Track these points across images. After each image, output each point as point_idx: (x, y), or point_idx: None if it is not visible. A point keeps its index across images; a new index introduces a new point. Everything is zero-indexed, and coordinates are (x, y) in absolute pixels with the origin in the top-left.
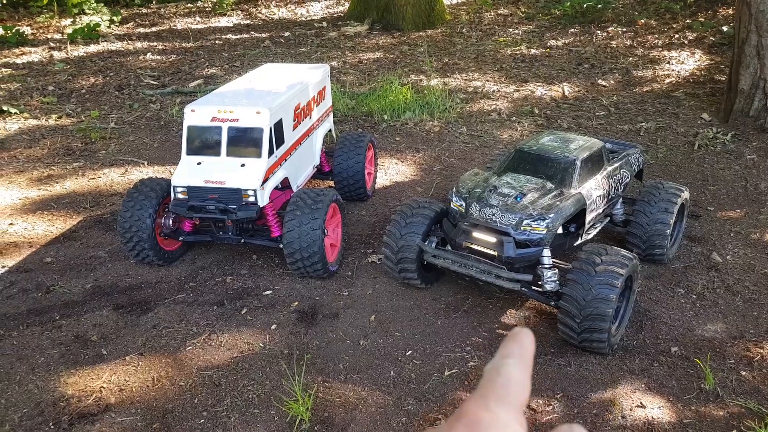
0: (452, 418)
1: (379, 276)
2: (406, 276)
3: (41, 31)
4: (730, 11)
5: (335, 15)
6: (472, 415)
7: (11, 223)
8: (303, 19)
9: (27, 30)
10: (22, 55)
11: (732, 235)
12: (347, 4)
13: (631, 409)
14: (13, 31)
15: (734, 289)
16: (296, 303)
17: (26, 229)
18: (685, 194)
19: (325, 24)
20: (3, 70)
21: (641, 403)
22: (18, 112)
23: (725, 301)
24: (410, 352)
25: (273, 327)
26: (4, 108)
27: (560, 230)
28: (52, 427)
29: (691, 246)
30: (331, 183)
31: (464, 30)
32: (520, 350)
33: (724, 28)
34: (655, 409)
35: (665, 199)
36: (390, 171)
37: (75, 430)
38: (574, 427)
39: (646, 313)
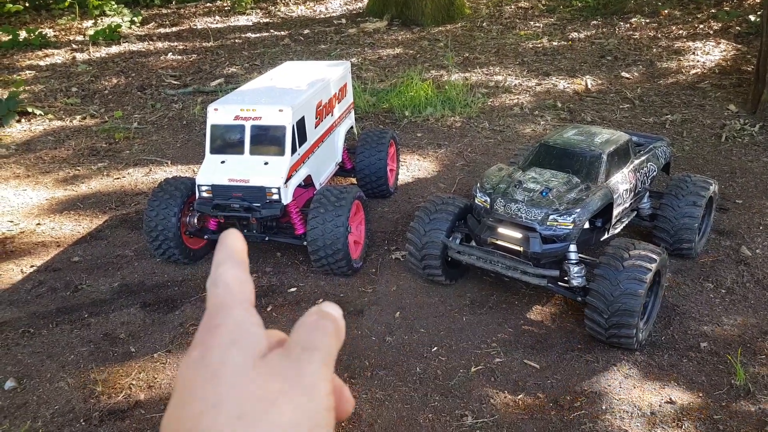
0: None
1: (403, 273)
2: (431, 272)
3: (63, 33)
4: (757, 0)
5: (354, 11)
6: (204, 327)
7: (39, 224)
8: (322, 16)
9: (50, 32)
10: (45, 57)
11: (761, 228)
12: (366, 1)
13: (660, 405)
14: (36, 33)
15: (764, 283)
16: (321, 300)
17: (53, 229)
18: (713, 187)
19: (344, 21)
20: (27, 72)
21: (671, 399)
22: (43, 113)
23: (755, 296)
24: (436, 348)
25: None
26: (29, 109)
27: (587, 225)
28: (83, 423)
29: (719, 240)
30: (354, 180)
31: (484, 24)
32: (227, 252)
33: (751, 17)
34: (685, 404)
35: (693, 193)
36: (412, 167)
37: (105, 427)
38: (323, 304)
39: (675, 308)
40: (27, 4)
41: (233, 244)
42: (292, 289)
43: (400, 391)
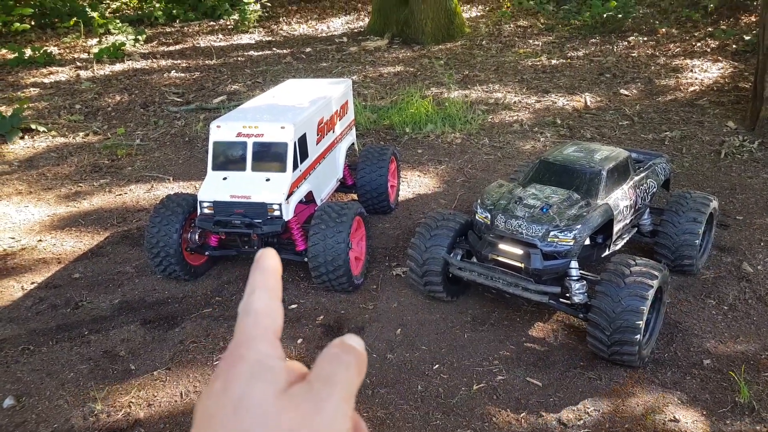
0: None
1: (404, 289)
2: (432, 289)
3: (68, 51)
4: (753, 18)
5: (355, 30)
6: (229, 358)
7: (40, 240)
8: (324, 34)
9: (54, 50)
10: (49, 74)
11: (762, 244)
12: (367, 19)
13: (664, 423)
14: (41, 51)
15: (767, 300)
16: (321, 317)
17: (55, 246)
18: (714, 203)
19: (345, 39)
20: (31, 89)
21: (674, 417)
22: (46, 130)
23: (758, 312)
24: (437, 366)
25: (299, 341)
26: (33, 126)
27: (588, 241)
28: None
29: (720, 256)
30: (355, 196)
31: (484, 42)
32: (263, 278)
33: (747, 37)
34: (689, 423)
35: (694, 209)
36: (413, 183)
37: None
38: (345, 337)
39: (677, 325)
40: (33, 23)
41: (269, 266)
42: (293, 306)
43: (401, 409)
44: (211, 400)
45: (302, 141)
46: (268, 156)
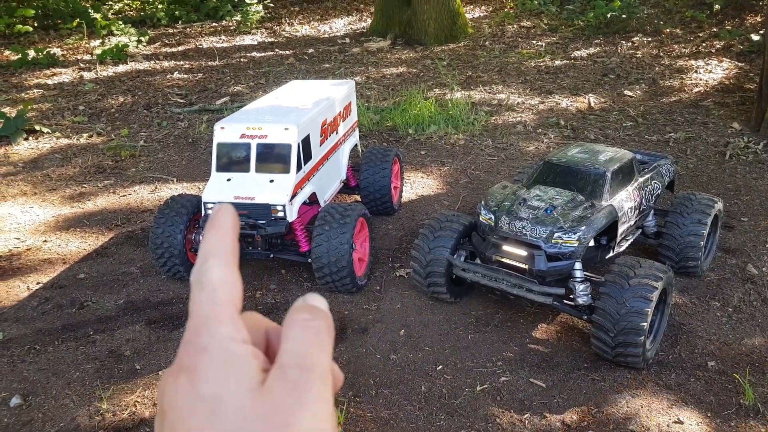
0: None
1: (408, 290)
2: (435, 290)
3: (71, 52)
4: (758, 18)
5: (358, 31)
6: (190, 343)
7: (45, 241)
8: (326, 35)
9: (57, 51)
10: (53, 76)
11: (767, 246)
12: (370, 20)
13: (668, 425)
14: (45, 52)
15: None
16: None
17: (60, 246)
18: (719, 205)
19: (348, 40)
20: (35, 90)
21: (679, 419)
22: (50, 131)
23: (762, 314)
24: (441, 366)
25: None
26: (37, 128)
27: (592, 243)
28: None
29: (725, 258)
30: (358, 197)
31: (487, 43)
32: (217, 240)
33: (753, 37)
34: (694, 425)
35: (698, 211)
36: (416, 185)
37: None
38: (307, 297)
39: (681, 327)
40: (35, 24)
41: (225, 225)
42: None
43: (405, 410)
44: (181, 396)
45: (306, 142)
46: (272, 157)
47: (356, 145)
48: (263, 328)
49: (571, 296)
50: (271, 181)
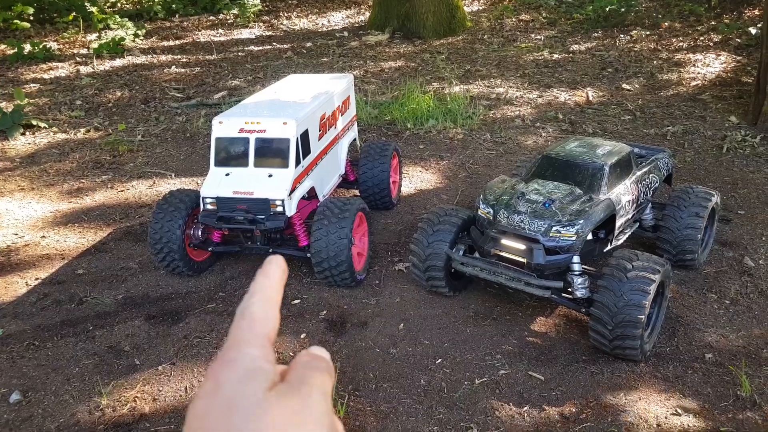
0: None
1: (407, 284)
2: (434, 284)
3: (67, 46)
4: (756, 12)
5: (356, 24)
6: (221, 358)
7: (43, 236)
8: (324, 29)
9: (54, 45)
10: (49, 70)
11: (764, 238)
12: (368, 14)
13: (666, 417)
14: (41, 47)
15: None
16: (324, 312)
17: (58, 242)
18: (716, 198)
19: (346, 34)
20: (31, 85)
21: (676, 410)
22: (47, 126)
23: (759, 306)
24: (440, 360)
25: (302, 336)
26: (34, 122)
27: (590, 236)
28: None
29: (722, 251)
30: (357, 192)
31: (485, 37)
32: (264, 284)
33: (751, 30)
34: (691, 416)
35: (695, 204)
36: (414, 179)
37: None
38: (311, 348)
39: (679, 320)
40: (31, 18)
41: (274, 274)
42: (296, 301)
43: (404, 403)
44: (202, 401)
45: (304, 137)
46: (271, 152)
47: (355, 139)
48: (283, 371)
49: (570, 289)
50: (270, 175)
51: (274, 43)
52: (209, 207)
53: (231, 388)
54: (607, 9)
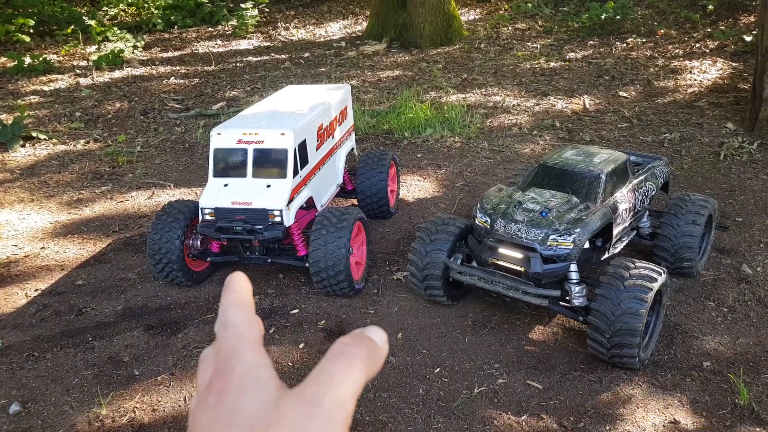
0: (202, 382)
1: (405, 293)
2: (432, 293)
3: (67, 58)
4: (752, 19)
5: (353, 34)
6: (219, 371)
7: (43, 247)
8: (321, 39)
9: (53, 58)
10: (49, 82)
11: (762, 246)
12: (365, 24)
13: (664, 426)
14: (41, 59)
15: (766, 302)
16: (323, 321)
17: (57, 253)
18: (713, 205)
19: (343, 44)
20: (31, 97)
21: (674, 419)
22: (47, 137)
23: (757, 314)
24: (438, 369)
25: (301, 346)
26: (34, 134)
27: (587, 245)
28: None
29: (720, 258)
30: (355, 201)
31: (482, 45)
32: (233, 296)
33: (746, 37)
34: (689, 425)
35: (692, 211)
36: (412, 188)
37: None
38: (367, 327)
39: (677, 328)
40: (32, 31)
41: (239, 287)
42: (295, 311)
43: (403, 413)
44: (206, 415)
45: (302, 147)
46: (269, 162)
47: (353, 149)
48: None
49: (567, 298)
50: (268, 186)
51: (272, 54)
52: (208, 217)
53: (231, 400)
54: (603, 17)
